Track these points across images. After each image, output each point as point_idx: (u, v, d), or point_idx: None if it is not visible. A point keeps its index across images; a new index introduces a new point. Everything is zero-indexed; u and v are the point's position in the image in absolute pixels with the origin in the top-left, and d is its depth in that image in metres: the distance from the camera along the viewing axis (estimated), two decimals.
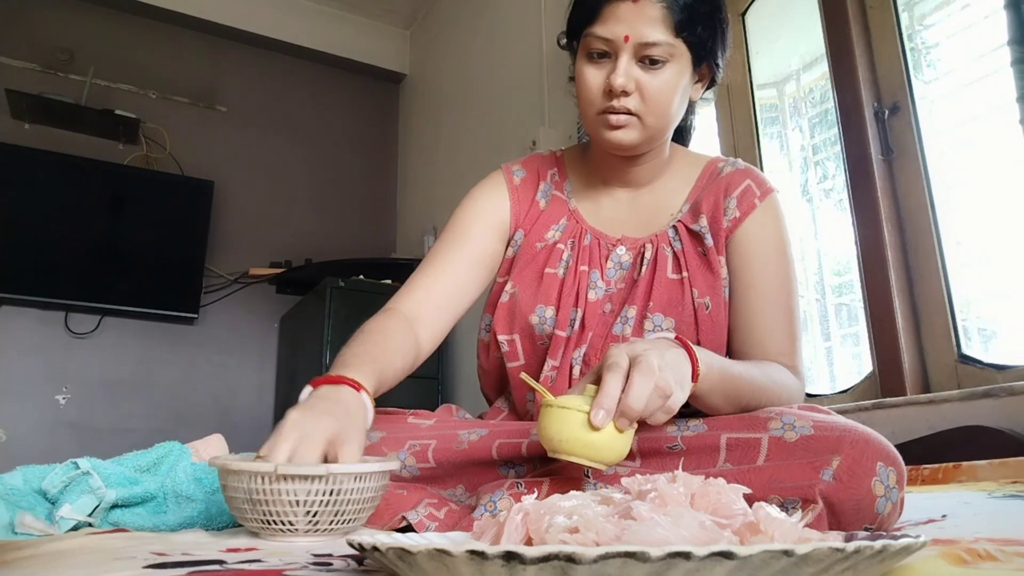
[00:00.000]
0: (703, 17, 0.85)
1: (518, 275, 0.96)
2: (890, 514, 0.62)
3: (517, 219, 1.00)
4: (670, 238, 0.92)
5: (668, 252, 0.91)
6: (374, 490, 0.66)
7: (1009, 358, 1.38)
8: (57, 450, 2.75)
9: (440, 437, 0.87)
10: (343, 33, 3.78)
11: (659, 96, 0.85)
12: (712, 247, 0.90)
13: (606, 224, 0.97)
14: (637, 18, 0.82)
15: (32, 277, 2.87)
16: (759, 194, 0.92)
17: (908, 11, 1.66)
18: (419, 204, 3.70)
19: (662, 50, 0.83)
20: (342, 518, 0.64)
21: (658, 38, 0.82)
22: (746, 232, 0.90)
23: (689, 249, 0.91)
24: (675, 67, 0.85)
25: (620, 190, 0.98)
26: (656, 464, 0.73)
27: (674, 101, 0.87)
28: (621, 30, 0.82)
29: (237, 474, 0.63)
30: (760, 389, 0.78)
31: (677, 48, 0.84)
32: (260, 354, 3.35)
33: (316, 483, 0.61)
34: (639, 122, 0.86)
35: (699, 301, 0.88)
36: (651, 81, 0.84)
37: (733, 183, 0.93)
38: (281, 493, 0.61)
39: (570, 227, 0.97)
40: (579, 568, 0.31)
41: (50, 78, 3.10)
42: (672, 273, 0.90)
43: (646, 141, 0.89)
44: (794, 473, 0.63)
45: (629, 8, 0.82)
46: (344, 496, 0.63)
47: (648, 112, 0.85)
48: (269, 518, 0.62)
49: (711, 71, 0.92)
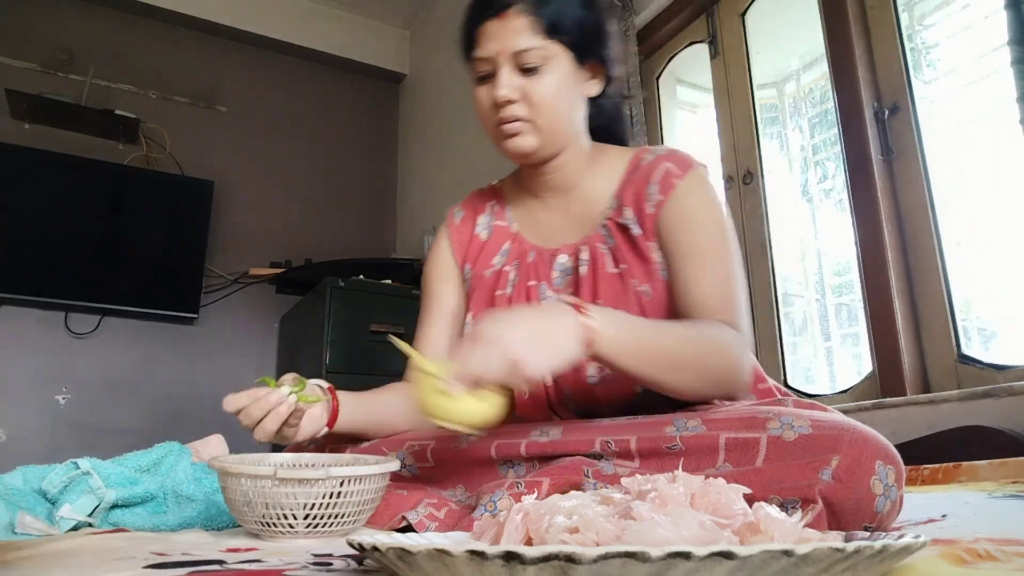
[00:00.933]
0: (572, 17, 0.89)
1: (474, 306, 1.01)
2: (889, 512, 0.62)
3: (462, 257, 1.05)
4: (603, 236, 0.95)
5: (604, 249, 0.94)
6: (373, 491, 0.66)
7: (1009, 358, 1.38)
8: (57, 450, 2.76)
9: (438, 437, 0.87)
10: (343, 33, 3.78)
11: (543, 99, 0.88)
12: (640, 235, 0.92)
13: (545, 237, 1.00)
14: (506, 32, 0.87)
15: (32, 277, 2.87)
16: (679, 173, 0.93)
17: (908, 11, 1.66)
18: (419, 204, 3.70)
19: (536, 55, 0.87)
20: (342, 520, 0.64)
21: (529, 44, 0.87)
22: (670, 211, 0.91)
23: (622, 243, 0.93)
24: (554, 69, 0.89)
25: (551, 199, 1.01)
26: (655, 464, 0.73)
27: (560, 101, 0.90)
28: (493, 46, 0.88)
29: (236, 476, 0.63)
30: (687, 342, 0.79)
31: (551, 50, 0.88)
32: (260, 354, 3.35)
33: (315, 486, 0.61)
34: (531, 126, 0.90)
35: (639, 290, 0.90)
36: (533, 86, 0.88)
37: (653, 170, 0.94)
38: (280, 496, 0.61)
39: (514, 249, 1.01)
40: (579, 568, 0.31)
41: (50, 78, 3.10)
42: (611, 268, 0.92)
43: (546, 143, 0.92)
44: (793, 473, 0.63)
45: (496, 25, 0.88)
46: (344, 498, 0.63)
47: (537, 115, 0.89)
48: (268, 520, 0.62)
49: (603, 67, 0.95)
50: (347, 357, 2.74)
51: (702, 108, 2.35)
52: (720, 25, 2.13)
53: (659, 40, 2.29)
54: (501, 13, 0.88)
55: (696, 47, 2.22)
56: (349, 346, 2.76)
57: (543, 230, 1.01)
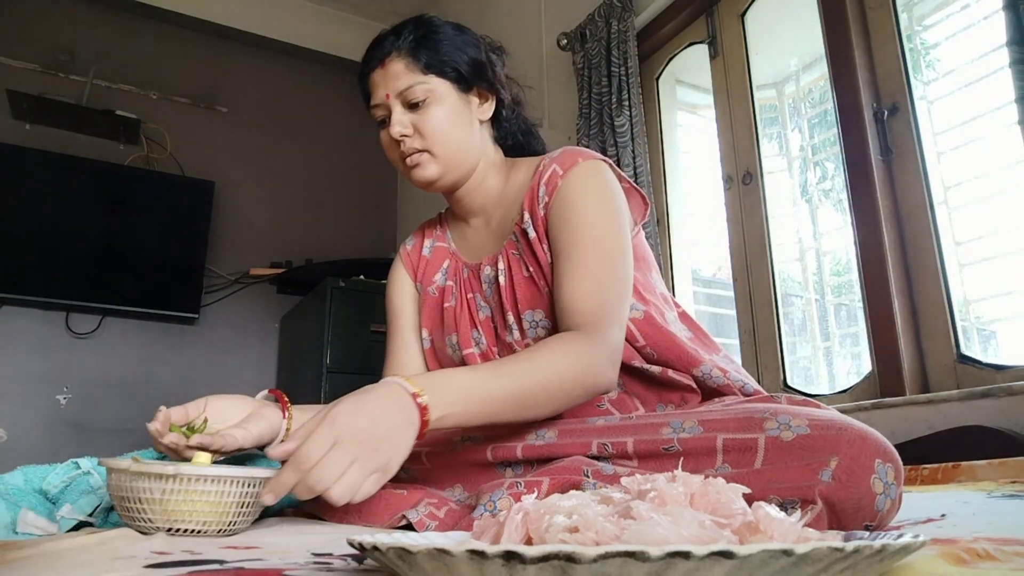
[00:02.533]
0: (446, 50, 0.96)
1: (426, 320, 1.07)
2: (889, 511, 0.62)
3: (413, 275, 1.12)
4: (514, 243, 0.99)
5: (516, 255, 0.98)
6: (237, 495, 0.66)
7: (1008, 358, 1.39)
8: (58, 450, 2.76)
9: (432, 441, 0.87)
10: (343, 33, 3.78)
11: (433, 129, 0.95)
12: (535, 238, 0.95)
13: (473, 253, 1.06)
14: (388, 77, 0.96)
15: (33, 277, 2.87)
16: (562, 172, 0.95)
17: (907, 12, 1.66)
18: (419, 204, 3.70)
19: (418, 90, 0.94)
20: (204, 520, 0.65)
21: (409, 82, 0.94)
22: (553, 211, 0.93)
23: (525, 247, 0.97)
24: (439, 100, 0.95)
25: (475, 219, 1.07)
26: (653, 466, 0.73)
27: (450, 128, 0.96)
28: (381, 92, 0.97)
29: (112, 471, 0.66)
30: (527, 378, 0.77)
31: (432, 83, 0.95)
32: (261, 354, 3.35)
33: (168, 482, 0.64)
34: (429, 156, 0.96)
35: (546, 291, 0.94)
36: (421, 119, 0.95)
37: (544, 172, 0.97)
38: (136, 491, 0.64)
39: (452, 266, 1.07)
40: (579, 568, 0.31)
41: (51, 78, 3.10)
42: (524, 272, 0.96)
43: (447, 169, 0.97)
44: (793, 475, 0.63)
45: (380, 74, 0.97)
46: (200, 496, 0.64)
47: (432, 144, 0.95)
48: (130, 514, 0.65)
49: (492, 90, 1.01)
50: (347, 357, 2.75)
51: (702, 109, 2.35)
52: (720, 26, 2.13)
53: (659, 41, 2.29)
54: (383, 62, 0.96)
55: (696, 48, 2.22)
56: (349, 346, 2.76)
57: (471, 247, 1.07)
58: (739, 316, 1.94)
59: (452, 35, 0.99)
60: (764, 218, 1.93)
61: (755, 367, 1.87)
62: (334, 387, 2.68)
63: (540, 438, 0.81)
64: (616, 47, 2.16)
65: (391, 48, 0.96)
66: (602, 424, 0.79)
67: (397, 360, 1.08)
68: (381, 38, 0.98)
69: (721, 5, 2.12)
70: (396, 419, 0.65)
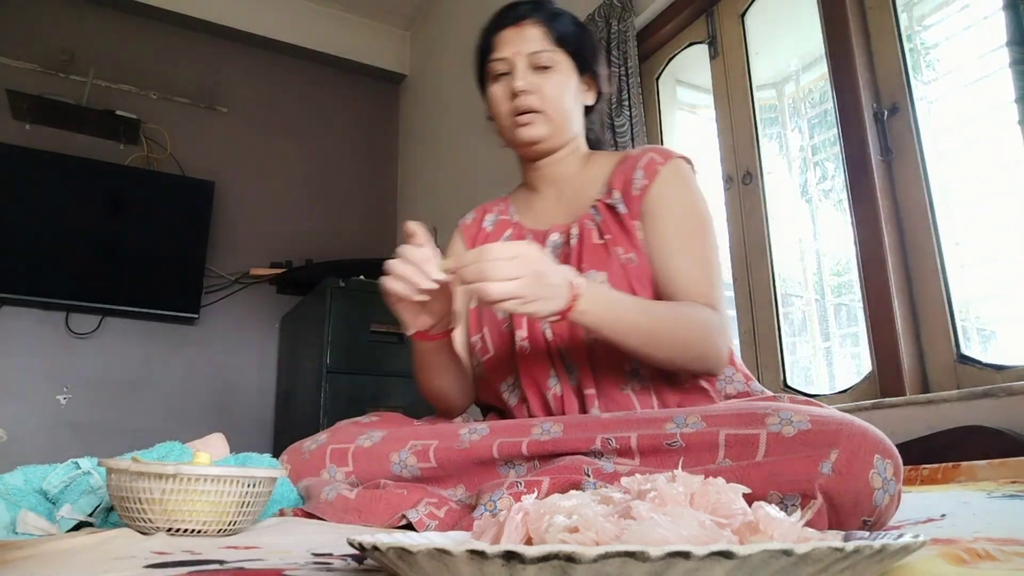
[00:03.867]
0: (575, 33, 1.07)
1: None
2: (887, 506, 0.62)
3: (471, 243, 1.17)
4: (592, 215, 1.05)
5: (591, 225, 1.04)
6: (238, 495, 0.66)
7: (1008, 358, 1.38)
8: (58, 450, 2.76)
9: (441, 436, 0.88)
10: (343, 34, 3.78)
11: (553, 92, 1.04)
12: (625, 213, 1.02)
13: (540, 221, 1.13)
14: (522, 37, 1.04)
15: (33, 277, 2.87)
16: (661, 161, 1.03)
17: (907, 12, 1.66)
18: (419, 204, 3.70)
19: (547, 56, 1.04)
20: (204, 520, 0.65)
21: (542, 47, 1.04)
22: (654, 195, 1.01)
23: (609, 219, 1.03)
24: (561, 71, 1.05)
25: (547, 189, 1.13)
26: (655, 461, 0.74)
27: (566, 97, 1.06)
28: (510, 48, 1.05)
29: (112, 471, 0.66)
30: (666, 319, 0.89)
31: (559, 55, 1.05)
32: (261, 354, 3.35)
33: (168, 482, 0.63)
34: (542, 117, 1.04)
35: (624, 257, 0.99)
36: (545, 82, 1.04)
37: (639, 159, 1.05)
38: (136, 491, 0.64)
39: (514, 235, 1.14)
40: (579, 568, 0.31)
41: (51, 79, 3.10)
42: (597, 239, 1.02)
43: (553, 133, 1.06)
44: (793, 467, 0.64)
45: (513, 32, 1.05)
46: (200, 496, 0.64)
47: (548, 107, 1.04)
48: (130, 514, 0.65)
49: (595, 82, 1.12)
50: (347, 357, 2.75)
51: (702, 109, 2.35)
52: (720, 26, 2.13)
53: (659, 41, 2.29)
54: (518, 22, 1.05)
55: (696, 48, 2.22)
56: (349, 346, 2.76)
57: (538, 216, 1.13)
58: (739, 316, 1.94)
59: (576, 23, 1.09)
60: (764, 218, 1.92)
61: (755, 367, 1.87)
62: (334, 387, 2.68)
63: (546, 433, 0.81)
64: (616, 47, 2.16)
65: (530, 13, 1.05)
66: (607, 418, 0.81)
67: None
68: (518, 3, 1.08)
69: (721, 5, 2.12)
70: (559, 284, 0.80)
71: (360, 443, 0.93)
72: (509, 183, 1.24)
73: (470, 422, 0.93)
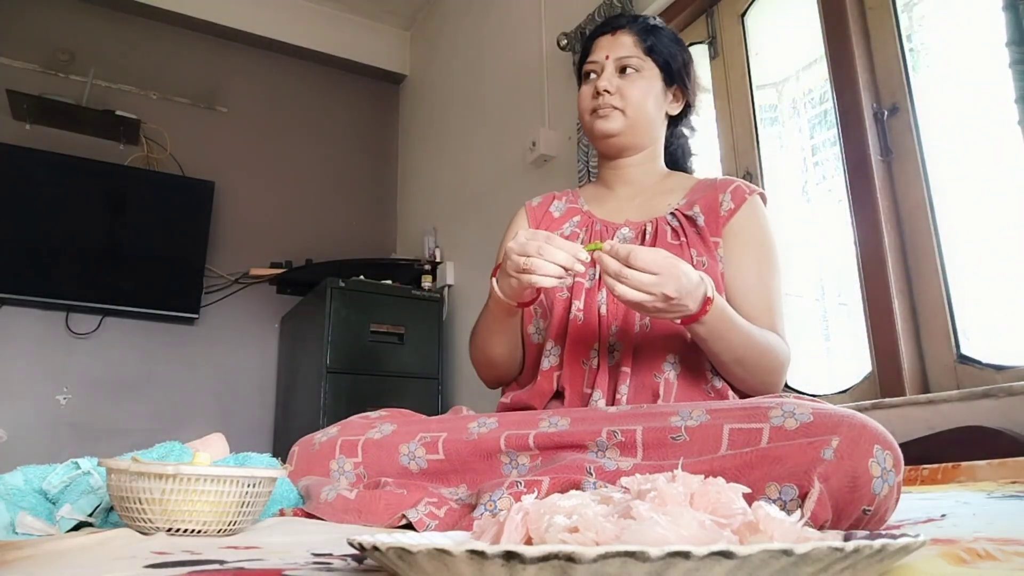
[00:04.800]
0: (667, 45, 1.13)
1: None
2: (887, 497, 0.63)
3: (536, 226, 1.20)
4: (668, 219, 1.09)
5: (667, 228, 1.08)
6: (238, 495, 0.66)
7: (1008, 358, 1.38)
8: (58, 450, 2.76)
9: (451, 428, 0.88)
10: (343, 34, 3.78)
11: (634, 94, 1.10)
12: (704, 227, 1.06)
13: (612, 214, 1.16)
14: (615, 44, 1.13)
15: (33, 277, 2.87)
16: (748, 191, 1.10)
17: (907, 12, 1.66)
18: (419, 204, 3.70)
19: (635, 62, 1.11)
20: (204, 520, 0.65)
21: (630, 53, 1.12)
22: (739, 221, 1.07)
23: (686, 227, 1.07)
24: (647, 77, 1.12)
25: (623, 189, 1.17)
26: (659, 455, 0.75)
27: (648, 101, 1.11)
28: (603, 53, 1.13)
29: (112, 472, 0.66)
30: (758, 343, 0.96)
31: (647, 63, 1.12)
32: (261, 354, 3.35)
33: (168, 482, 0.63)
34: (621, 114, 1.10)
35: (697, 260, 1.03)
36: (627, 84, 1.11)
37: (725, 185, 1.11)
38: (136, 491, 0.64)
39: (583, 221, 1.17)
40: (579, 567, 0.31)
41: (51, 79, 3.11)
42: (671, 240, 1.06)
43: (628, 130, 1.11)
44: (795, 453, 0.65)
45: (609, 39, 1.14)
46: (200, 496, 0.64)
47: (627, 105, 1.10)
48: (130, 514, 0.65)
49: (684, 95, 1.17)
50: (347, 357, 2.75)
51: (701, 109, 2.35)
52: (720, 26, 2.13)
53: None
54: (615, 31, 1.14)
55: (696, 48, 2.22)
56: (350, 346, 2.76)
57: (610, 210, 1.17)
58: None
59: (673, 39, 1.16)
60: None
61: None
62: (334, 387, 2.68)
63: (553, 425, 0.82)
64: None
65: (625, 24, 1.14)
66: (613, 412, 0.82)
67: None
68: (618, 16, 1.20)
69: (721, 5, 2.12)
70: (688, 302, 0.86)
71: (370, 435, 0.93)
72: (509, 183, 1.25)
73: (480, 416, 0.93)
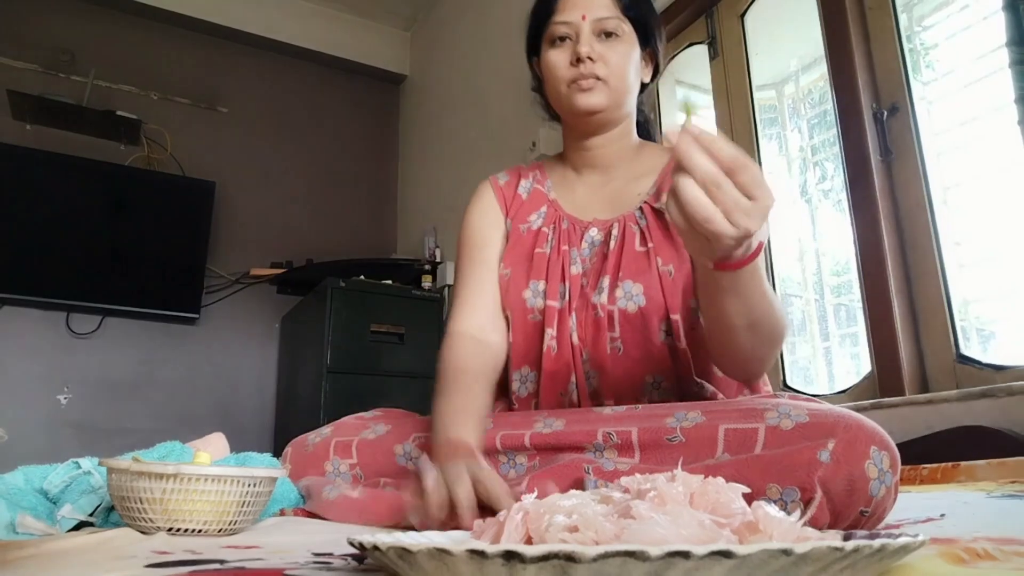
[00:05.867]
0: (642, 5, 1.03)
1: (508, 256, 1.04)
2: (884, 498, 0.62)
3: (506, 210, 1.10)
4: (636, 217, 1.00)
5: (635, 229, 0.99)
6: (238, 494, 0.66)
7: (1008, 358, 1.38)
8: (58, 450, 2.75)
9: None
10: (344, 35, 3.78)
11: (619, 63, 0.99)
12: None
13: (580, 210, 1.06)
14: (590, 2, 0.99)
15: (33, 277, 2.87)
16: None
17: (907, 12, 1.66)
18: (419, 204, 3.70)
19: (614, 24, 0.98)
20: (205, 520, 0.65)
21: (609, 14, 0.99)
22: None
23: (654, 224, 0.98)
24: (626, 41, 1.00)
25: (591, 175, 1.07)
26: (656, 456, 0.74)
27: (629, 69, 1.00)
28: (577, 12, 0.99)
29: (113, 471, 0.66)
30: (772, 300, 0.79)
31: (625, 25, 1.00)
32: (261, 354, 3.35)
33: (169, 482, 0.63)
34: (605, 85, 0.98)
35: (663, 268, 0.95)
36: (609, 50, 0.98)
37: None
38: (137, 491, 0.64)
39: (550, 214, 1.06)
40: (579, 567, 0.31)
41: (51, 79, 3.11)
42: (639, 246, 0.97)
43: (613, 104, 1.00)
44: (791, 456, 0.64)
45: None
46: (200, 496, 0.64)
47: (611, 76, 0.98)
48: (130, 514, 0.65)
49: (654, 58, 1.07)
50: (348, 357, 2.75)
51: (701, 109, 2.35)
52: (720, 26, 2.13)
53: None
54: None
55: (695, 48, 2.22)
56: (350, 346, 2.76)
57: (578, 203, 1.06)
58: None
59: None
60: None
61: None
62: (334, 387, 2.68)
63: (548, 426, 0.82)
64: None
65: None
66: (608, 413, 0.81)
67: (473, 302, 1.02)
68: None
69: (721, 5, 2.12)
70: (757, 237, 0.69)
71: (364, 436, 0.93)
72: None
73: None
